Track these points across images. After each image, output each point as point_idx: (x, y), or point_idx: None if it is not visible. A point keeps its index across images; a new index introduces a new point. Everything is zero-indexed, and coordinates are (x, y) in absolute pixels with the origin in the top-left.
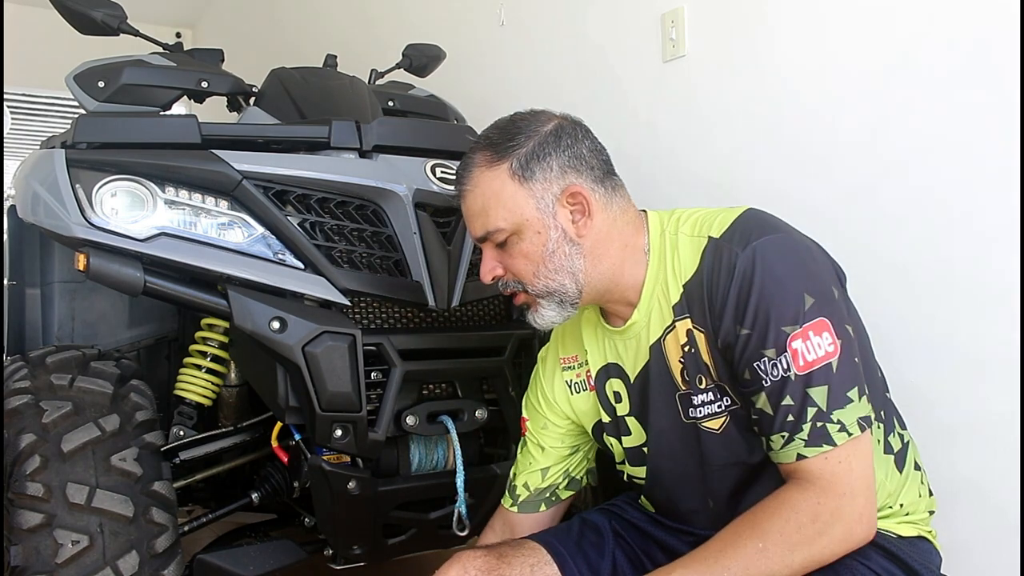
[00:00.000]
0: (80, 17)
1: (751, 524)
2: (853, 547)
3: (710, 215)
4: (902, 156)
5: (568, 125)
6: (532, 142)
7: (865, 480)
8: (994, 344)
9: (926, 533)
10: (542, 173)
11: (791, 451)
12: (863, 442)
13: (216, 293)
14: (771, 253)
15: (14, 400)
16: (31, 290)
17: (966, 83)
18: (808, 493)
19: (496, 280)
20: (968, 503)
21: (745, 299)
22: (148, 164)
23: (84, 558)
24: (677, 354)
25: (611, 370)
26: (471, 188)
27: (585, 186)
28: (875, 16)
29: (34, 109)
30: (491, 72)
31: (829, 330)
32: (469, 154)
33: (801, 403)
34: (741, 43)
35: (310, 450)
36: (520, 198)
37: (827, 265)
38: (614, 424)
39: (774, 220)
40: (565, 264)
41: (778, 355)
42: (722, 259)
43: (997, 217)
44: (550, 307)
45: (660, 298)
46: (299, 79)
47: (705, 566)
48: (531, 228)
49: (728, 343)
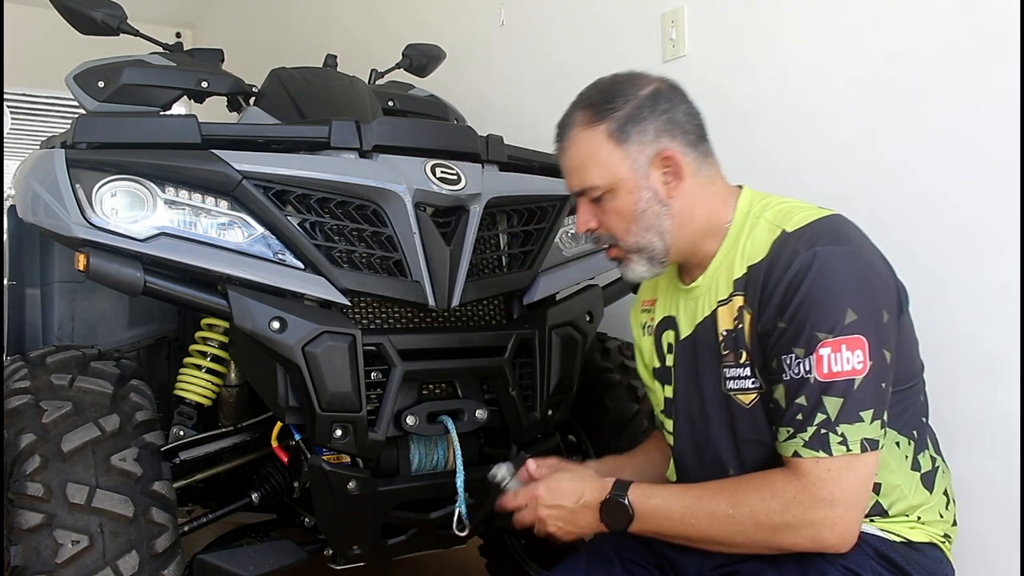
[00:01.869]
0: (80, 17)
1: (732, 490)
2: (822, 550)
3: (796, 209)
4: (901, 155)
5: (666, 89)
6: (630, 105)
7: (851, 493)
8: (994, 344)
9: (939, 541)
10: (638, 136)
11: (791, 446)
12: (861, 461)
13: (216, 293)
14: (830, 262)
15: (14, 400)
16: (31, 290)
17: (966, 82)
18: (791, 484)
19: (589, 232)
20: (968, 503)
21: (791, 296)
22: (148, 164)
23: (84, 558)
24: (725, 326)
25: (669, 322)
26: (569, 145)
27: (678, 150)
28: (873, 15)
29: (34, 109)
30: (491, 72)
31: (863, 349)
32: (570, 111)
33: (813, 407)
34: (741, 43)
35: (310, 450)
36: (616, 159)
37: (888, 288)
38: (663, 371)
39: (851, 232)
40: (654, 224)
41: (805, 356)
42: (785, 253)
43: (997, 217)
44: (640, 262)
45: (726, 271)
46: (299, 79)
47: (679, 505)
48: (624, 187)
49: (766, 331)
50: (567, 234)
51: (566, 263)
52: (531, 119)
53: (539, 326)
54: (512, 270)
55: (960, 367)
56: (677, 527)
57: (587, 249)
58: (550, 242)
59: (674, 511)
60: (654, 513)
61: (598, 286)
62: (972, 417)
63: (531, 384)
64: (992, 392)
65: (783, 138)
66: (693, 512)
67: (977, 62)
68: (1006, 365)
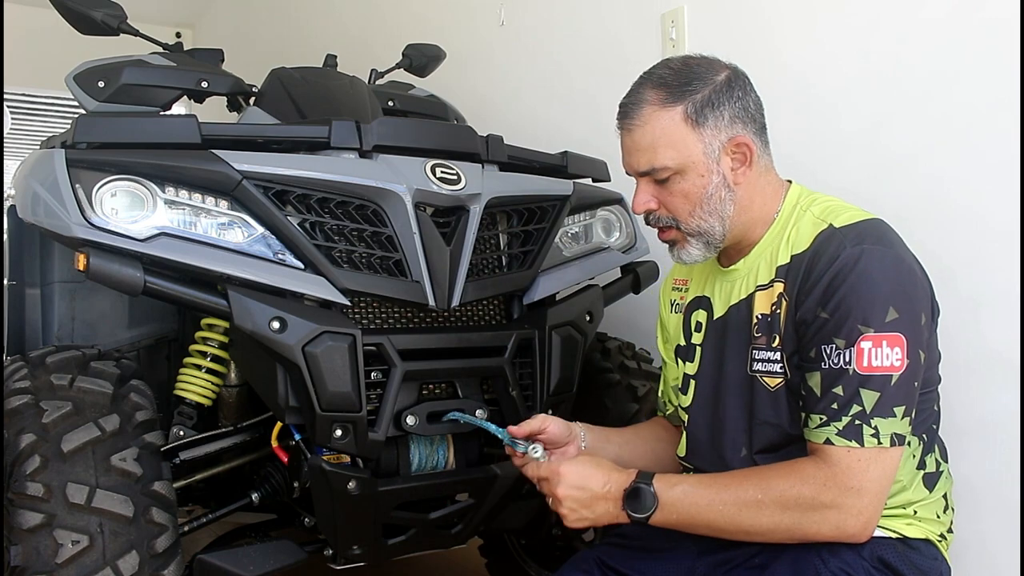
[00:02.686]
0: (80, 17)
1: (760, 476)
2: (842, 538)
3: (842, 208)
4: (902, 154)
5: (737, 77)
6: (708, 89)
7: (877, 484)
8: (996, 342)
9: (935, 539)
10: (714, 121)
11: (823, 433)
12: (889, 455)
13: (216, 293)
14: (876, 261)
15: (14, 400)
16: (31, 290)
17: (965, 81)
18: (821, 472)
19: (648, 213)
20: (968, 503)
21: (835, 288)
22: (148, 164)
23: (84, 558)
24: (762, 310)
25: (702, 302)
26: (641, 124)
27: (749, 137)
28: (872, 14)
29: (34, 109)
30: (491, 72)
31: (902, 347)
32: (640, 90)
33: (850, 397)
34: (741, 43)
35: (310, 450)
36: (690, 141)
37: (926, 294)
38: (685, 349)
39: (894, 236)
40: (718, 208)
41: (846, 347)
42: (831, 246)
43: (1000, 215)
44: (697, 246)
45: (768, 257)
46: (299, 79)
47: (706, 490)
48: (695, 170)
49: (805, 320)
50: (567, 234)
51: (566, 263)
52: (531, 119)
53: (539, 326)
54: (512, 270)
55: (962, 366)
56: (704, 514)
57: (587, 249)
58: (550, 242)
59: (700, 498)
60: (679, 501)
61: (598, 286)
62: (972, 417)
63: (531, 384)
64: (994, 391)
65: (783, 137)
66: (721, 498)
67: (979, 60)
68: (1007, 364)
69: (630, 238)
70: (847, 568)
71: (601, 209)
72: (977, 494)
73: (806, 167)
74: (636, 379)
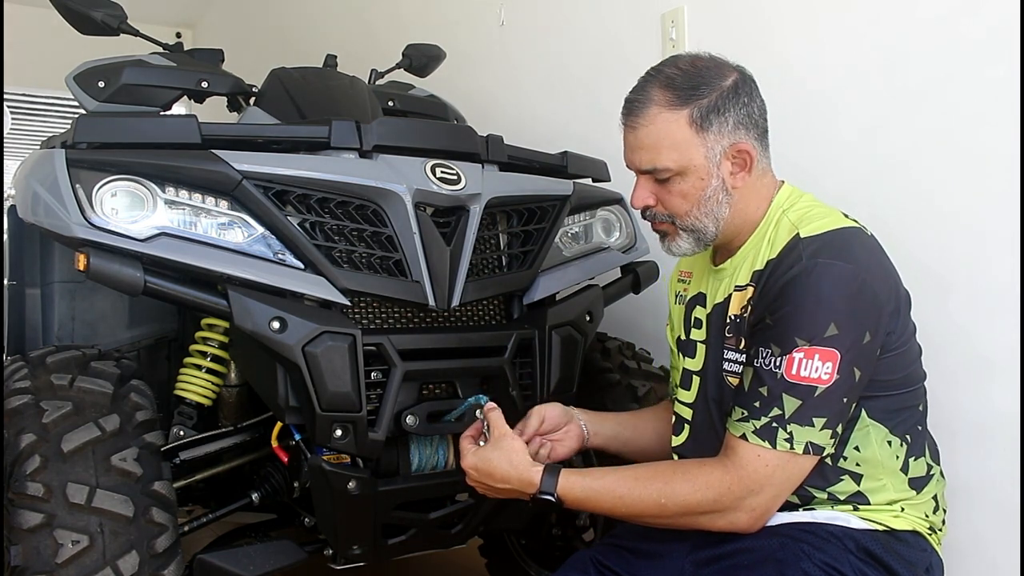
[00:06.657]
0: (80, 17)
1: (666, 479)
2: (732, 531)
3: (817, 215)
4: (901, 153)
5: (744, 82)
6: (715, 94)
7: (778, 488)
8: (993, 344)
9: (924, 531)
10: (718, 126)
11: (741, 428)
12: (798, 462)
13: (216, 293)
14: (827, 277)
15: (14, 400)
16: (31, 290)
17: (965, 81)
18: (727, 477)
19: (645, 209)
20: (968, 503)
21: (784, 298)
22: (148, 164)
23: (84, 558)
24: (734, 311)
25: (700, 299)
26: (645, 123)
27: (751, 144)
28: (872, 14)
29: (34, 109)
30: (491, 72)
31: (835, 362)
32: (647, 88)
33: (771, 400)
34: (741, 43)
35: (310, 450)
36: (693, 145)
37: (877, 310)
38: (685, 344)
39: (858, 251)
40: (714, 209)
41: (780, 354)
42: (791, 256)
43: (997, 216)
44: (688, 240)
45: (750, 259)
46: (299, 79)
47: (609, 494)
48: (696, 173)
49: (755, 322)
50: (567, 234)
51: (566, 263)
52: (531, 119)
53: (539, 326)
54: (512, 270)
55: (960, 367)
56: (607, 511)
57: (587, 249)
58: (550, 242)
59: (604, 499)
60: (583, 501)
61: (598, 286)
62: (972, 417)
63: (531, 384)
64: (992, 392)
65: (782, 138)
66: (624, 501)
67: (977, 61)
68: (1006, 365)
69: (630, 238)
70: (833, 562)
71: (601, 209)
72: (977, 494)
73: (803, 167)
74: (636, 379)
